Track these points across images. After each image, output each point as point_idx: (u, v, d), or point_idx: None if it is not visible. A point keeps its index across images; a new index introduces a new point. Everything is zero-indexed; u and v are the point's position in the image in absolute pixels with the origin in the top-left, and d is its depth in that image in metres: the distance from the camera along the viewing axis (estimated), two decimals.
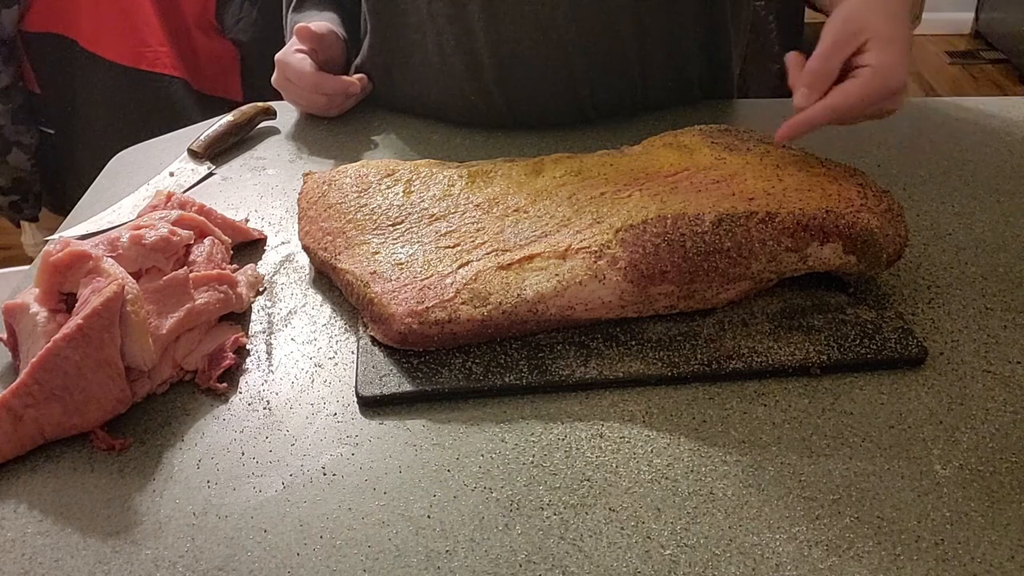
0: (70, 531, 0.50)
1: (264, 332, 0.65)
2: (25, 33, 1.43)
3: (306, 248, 0.70)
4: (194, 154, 0.91)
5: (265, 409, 0.58)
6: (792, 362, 0.59)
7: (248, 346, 0.64)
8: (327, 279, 0.70)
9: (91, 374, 0.54)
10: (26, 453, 0.55)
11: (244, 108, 0.96)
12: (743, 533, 0.48)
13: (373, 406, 0.58)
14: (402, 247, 0.65)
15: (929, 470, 0.52)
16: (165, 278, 0.61)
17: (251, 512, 0.51)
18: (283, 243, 0.76)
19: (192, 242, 0.67)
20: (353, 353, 0.63)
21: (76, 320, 0.54)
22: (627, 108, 0.97)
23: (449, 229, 0.66)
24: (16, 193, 1.55)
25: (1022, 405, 0.57)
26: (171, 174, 0.88)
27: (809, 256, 0.62)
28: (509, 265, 0.61)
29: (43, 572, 0.48)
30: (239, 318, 0.66)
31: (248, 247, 0.76)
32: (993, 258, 0.71)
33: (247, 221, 0.78)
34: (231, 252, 0.72)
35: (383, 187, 0.71)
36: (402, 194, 0.70)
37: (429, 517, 0.50)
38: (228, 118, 0.94)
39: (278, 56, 0.94)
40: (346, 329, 0.65)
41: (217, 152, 0.92)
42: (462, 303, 0.59)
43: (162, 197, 0.74)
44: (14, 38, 1.43)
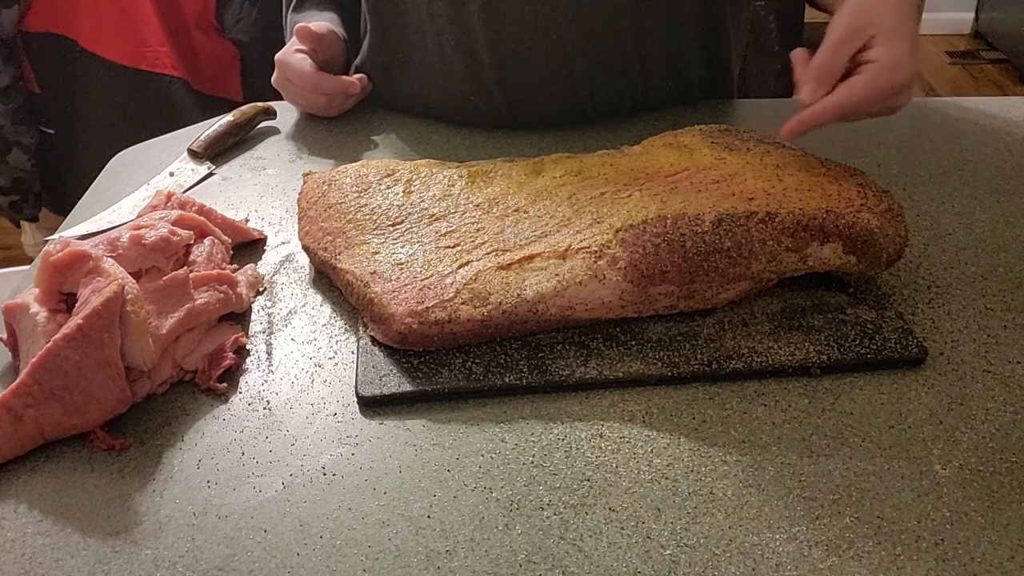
0: (70, 531, 0.50)
1: (264, 332, 0.65)
2: (25, 33, 1.43)
3: (306, 248, 0.70)
4: (194, 154, 0.91)
5: (265, 409, 0.58)
6: (792, 362, 0.59)
7: (248, 346, 0.64)
8: (327, 279, 0.70)
9: (91, 374, 0.54)
10: (26, 453, 0.55)
11: (244, 108, 0.96)
12: (743, 533, 0.48)
13: (373, 406, 0.58)
14: (402, 247, 0.65)
15: (929, 470, 0.52)
16: (165, 278, 0.61)
17: (251, 512, 0.51)
18: (283, 243, 0.76)
19: (192, 242, 0.67)
20: (353, 353, 0.63)
21: (76, 320, 0.54)
22: (627, 108, 0.97)
23: (449, 229, 0.66)
24: (16, 193, 1.55)
25: (1022, 405, 0.57)
26: (171, 174, 0.88)
27: (809, 256, 0.62)
28: (509, 265, 0.61)
29: (43, 572, 0.48)
30: (239, 318, 0.66)
31: (248, 247, 0.76)
32: (993, 258, 0.71)
33: (247, 221, 0.78)
34: (231, 252, 0.72)
35: (383, 187, 0.71)
36: (402, 194, 0.70)
37: (429, 517, 0.50)
38: (228, 118, 0.94)
39: (278, 56, 0.94)
40: (346, 329, 0.65)
41: (217, 152, 0.92)
42: (462, 303, 0.59)
43: (162, 197, 0.74)
44: (14, 38, 1.43)
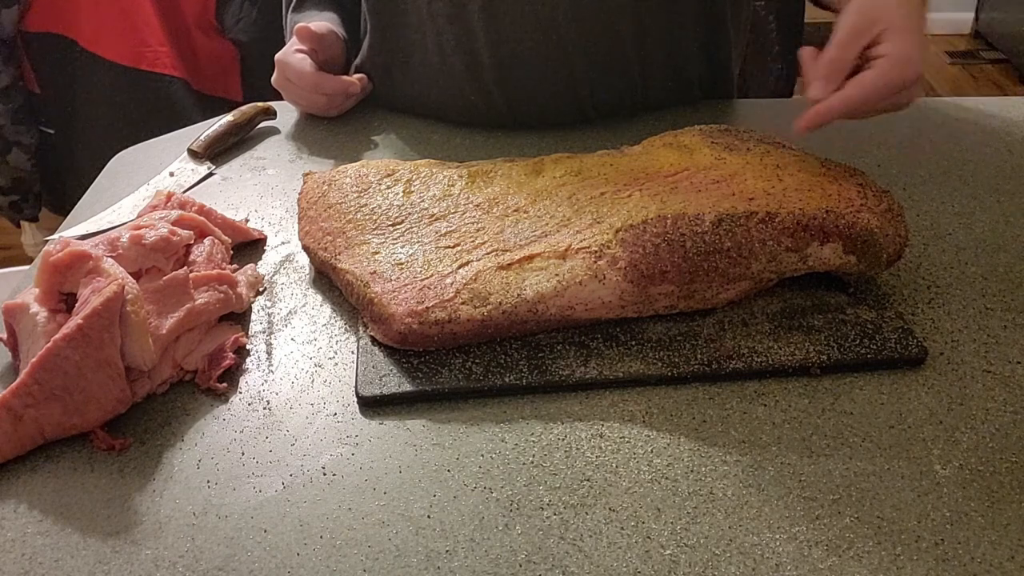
0: (70, 531, 0.50)
1: (264, 332, 0.65)
2: (25, 33, 1.43)
3: (306, 248, 0.70)
4: (194, 154, 0.90)
5: (265, 409, 0.58)
6: (792, 362, 0.59)
7: (248, 346, 0.64)
8: (327, 279, 0.70)
9: (91, 374, 0.54)
10: (26, 453, 0.55)
11: (244, 108, 0.96)
12: (743, 533, 0.48)
13: (373, 406, 0.58)
14: (402, 247, 0.65)
15: (929, 470, 0.52)
16: (165, 278, 0.61)
17: (251, 512, 0.51)
18: (283, 243, 0.76)
19: (192, 242, 0.67)
20: (353, 353, 0.63)
21: (76, 320, 0.54)
22: (627, 108, 0.97)
23: (449, 229, 0.66)
24: (16, 193, 1.55)
25: (1022, 405, 0.57)
26: (171, 174, 0.88)
27: (809, 256, 0.62)
28: (509, 265, 0.61)
29: (43, 572, 0.48)
30: (239, 318, 0.66)
31: (248, 247, 0.76)
32: (993, 258, 0.71)
33: (247, 221, 0.78)
34: (231, 252, 0.72)
35: (383, 187, 0.71)
36: (402, 194, 0.70)
37: (429, 517, 0.50)
38: (228, 118, 0.94)
39: (278, 56, 0.94)
40: (346, 329, 0.65)
41: (217, 152, 0.92)
42: (462, 303, 0.59)
43: (162, 197, 0.74)
44: (14, 38, 1.43)
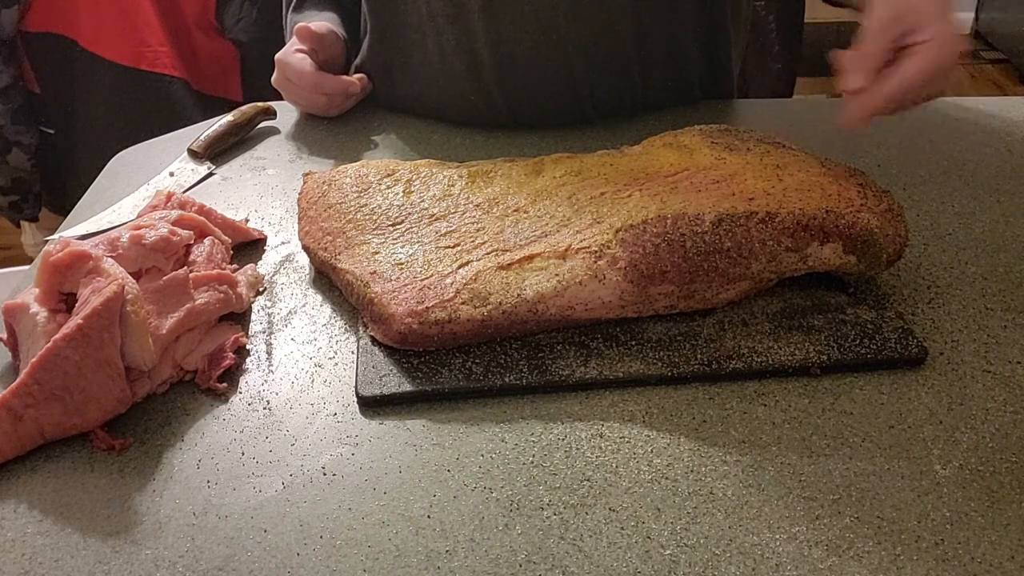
0: (70, 531, 0.50)
1: (264, 332, 0.65)
2: (25, 33, 1.43)
3: (306, 248, 0.70)
4: (194, 154, 0.91)
5: (265, 409, 0.58)
6: (792, 362, 0.59)
7: (248, 346, 0.64)
8: (327, 279, 0.70)
9: (91, 374, 0.54)
10: (26, 453, 0.55)
11: (244, 108, 0.96)
12: (743, 533, 0.48)
13: (373, 406, 0.58)
14: (402, 247, 0.65)
15: (929, 470, 0.52)
16: (165, 278, 0.61)
17: (251, 512, 0.51)
18: (283, 243, 0.76)
19: (192, 242, 0.67)
20: (353, 353, 0.63)
21: (76, 320, 0.54)
22: (627, 108, 0.97)
23: (449, 229, 0.66)
24: (16, 193, 1.55)
25: (1022, 405, 0.57)
26: (171, 174, 0.88)
27: (809, 256, 0.62)
28: (509, 265, 0.61)
29: (43, 572, 0.48)
30: (239, 318, 0.66)
31: (248, 247, 0.76)
32: (993, 258, 0.71)
33: (247, 221, 0.78)
34: (231, 252, 0.72)
35: (383, 187, 0.71)
36: (402, 194, 0.70)
37: (429, 517, 0.50)
38: (228, 118, 0.94)
39: (278, 56, 0.94)
40: (346, 329, 0.65)
41: (217, 152, 0.92)
42: (462, 303, 0.59)
43: (162, 197, 0.74)
44: (14, 38, 1.43)
